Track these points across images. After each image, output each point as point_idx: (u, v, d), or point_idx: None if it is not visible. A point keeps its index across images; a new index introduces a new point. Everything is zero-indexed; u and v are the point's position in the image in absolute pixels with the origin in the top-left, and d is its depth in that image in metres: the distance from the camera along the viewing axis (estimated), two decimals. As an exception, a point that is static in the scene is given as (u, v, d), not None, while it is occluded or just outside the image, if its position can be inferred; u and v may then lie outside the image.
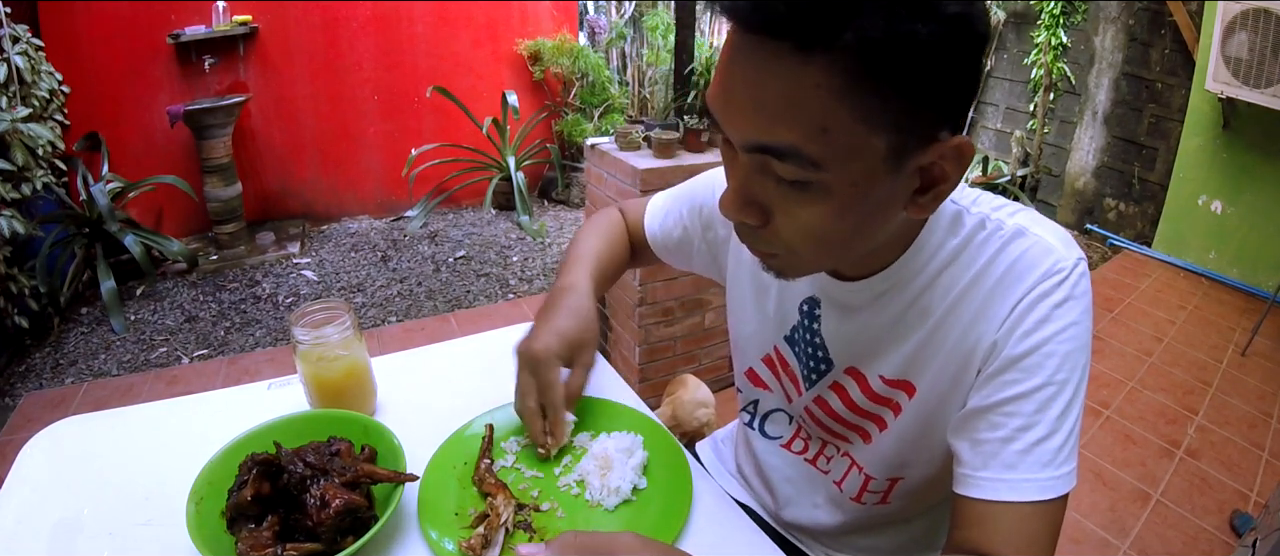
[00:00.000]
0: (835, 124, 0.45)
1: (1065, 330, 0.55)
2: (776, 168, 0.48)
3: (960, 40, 0.46)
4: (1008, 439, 0.54)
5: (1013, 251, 0.57)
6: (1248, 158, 2.98)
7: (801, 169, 0.47)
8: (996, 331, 0.56)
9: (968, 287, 0.58)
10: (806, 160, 0.47)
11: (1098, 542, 1.71)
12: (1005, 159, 3.74)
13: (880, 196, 0.50)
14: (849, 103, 0.44)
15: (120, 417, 0.80)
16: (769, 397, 0.78)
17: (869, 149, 0.47)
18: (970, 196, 0.61)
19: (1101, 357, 2.53)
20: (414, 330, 2.75)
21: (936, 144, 0.49)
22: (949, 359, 0.59)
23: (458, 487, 0.67)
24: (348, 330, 0.75)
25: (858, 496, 0.72)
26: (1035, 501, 0.53)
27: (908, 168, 0.49)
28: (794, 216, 0.51)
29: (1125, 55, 3.40)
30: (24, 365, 2.47)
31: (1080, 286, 0.56)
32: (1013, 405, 0.55)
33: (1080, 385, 0.56)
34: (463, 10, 3.81)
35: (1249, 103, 2.77)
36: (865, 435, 0.68)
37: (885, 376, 0.64)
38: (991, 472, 0.54)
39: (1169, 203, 3.30)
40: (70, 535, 0.63)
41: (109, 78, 3.12)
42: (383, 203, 3.94)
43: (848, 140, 0.46)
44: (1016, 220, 0.59)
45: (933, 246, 0.60)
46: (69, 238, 2.79)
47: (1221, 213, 3.12)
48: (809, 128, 0.45)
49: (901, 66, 0.44)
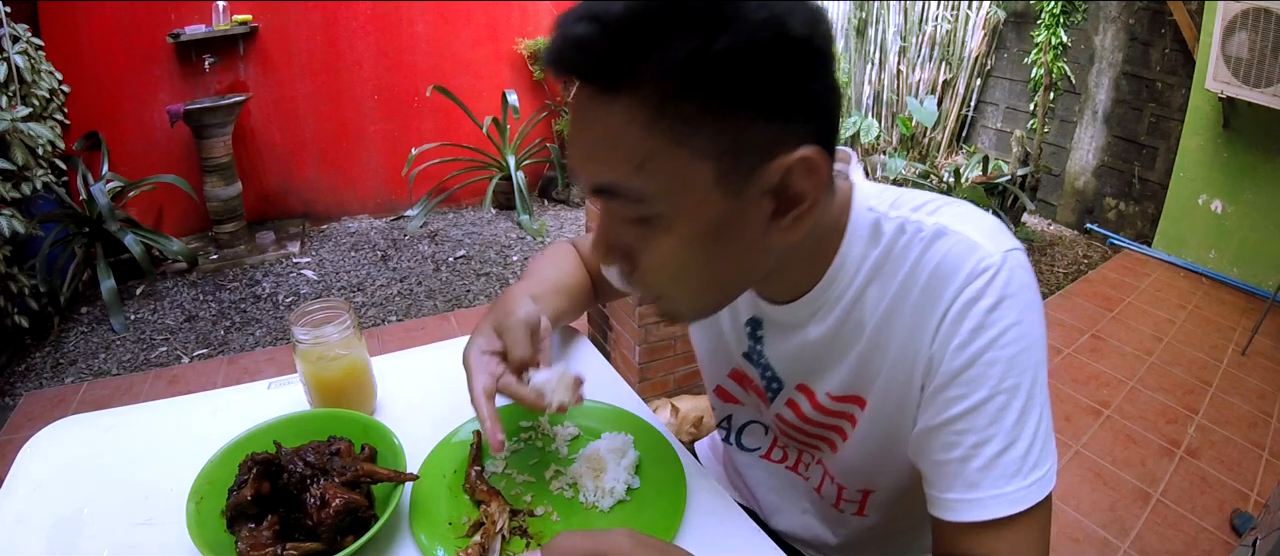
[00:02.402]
0: (651, 156, 0.45)
1: (1004, 334, 0.51)
2: (617, 208, 0.49)
3: (772, 48, 0.43)
4: (965, 458, 0.51)
5: (935, 255, 0.53)
6: (1248, 157, 2.98)
7: (634, 205, 0.47)
8: (931, 346, 0.53)
9: (896, 299, 0.55)
10: (633, 196, 0.47)
11: (1098, 542, 1.71)
12: (1005, 158, 3.73)
13: (730, 224, 0.48)
14: (660, 132, 0.44)
15: (120, 417, 0.79)
16: (741, 411, 0.78)
17: (695, 176, 0.46)
18: (888, 199, 0.58)
19: (1101, 357, 2.53)
20: (414, 329, 2.75)
21: (778, 161, 0.46)
22: (893, 373, 0.57)
23: (449, 496, 0.66)
24: (348, 329, 0.75)
25: (836, 503, 0.71)
26: (1011, 515, 0.50)
27: (750, 191, 0.47)
28: (650, 256, 0.50)
29: (1125, 54, 3.40)
30: (24, 364, 2.47)
31: (1015, 281, 0.51)
32: (963, 421, 0.52)
33: (1035, 385, 0.52)
34: (463, 10, 3.80)
35: (1249, 102, 2.77)
36: (830, 444, 0.68)
37: (832, 393, 0.63)
38: (957, 493, 0.52)
39: (1169, 202, 3.30)
40: (70, 534, 0.63)
41: (109, 77, 3.12)
42: (383, 202, 3.94)
43: (669, 170, 0.45)
44: (937, 219, 0.54)
45: (855, 261, 0.57)
46: (69, 237, 2.79)
47: (1222, 212, 3.12)
48: (627, 163, 0.46)
49: (705, 87, 0.43)
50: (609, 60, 0.44)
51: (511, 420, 0.77)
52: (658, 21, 0.42)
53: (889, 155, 4.43)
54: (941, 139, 4.42)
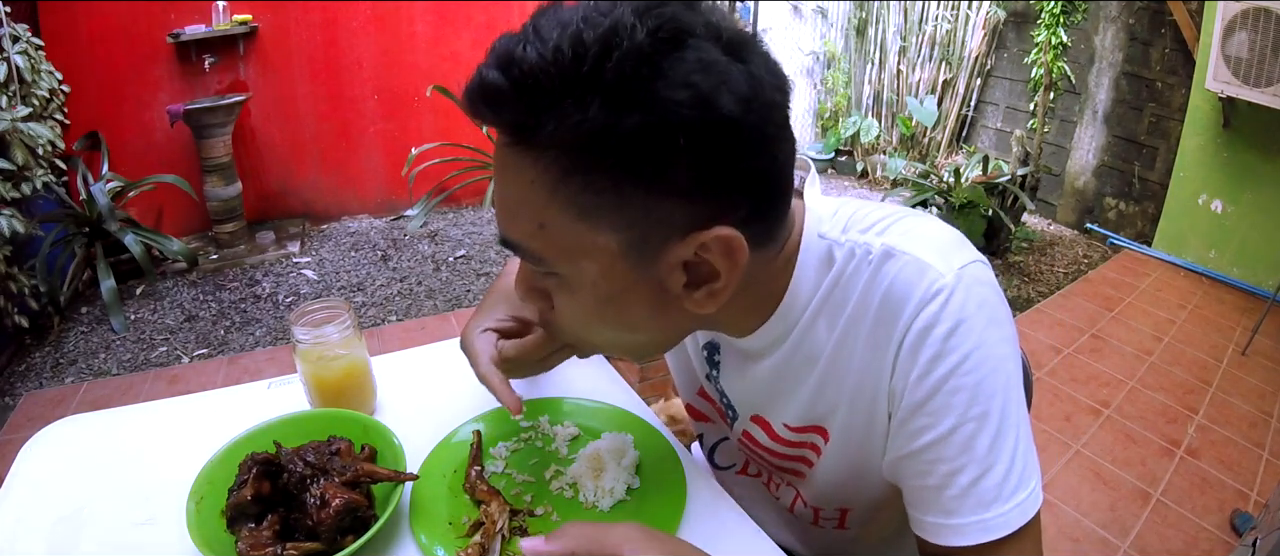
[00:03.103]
0: (551, 220, 0.44)
1: (965, 360, 0.48)
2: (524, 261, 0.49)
3: (693, 129, 0.40)
4: (939, 486, 0.50)
5: (883, 279, 0.51)
6: (1248, 157, 2.98)
7: (536, 265, 0.47)
8: (890, 379, 0.51)
9: (847, 328, 0.53)
10: (533, 258, 0.46)
11: (1098, 542, 1.71)
12: (1005, 158, 3.73)
13: (636, 292, 0.47)
14: (561, 198, 0.43)
15: (120, 417, 0.79)
16: (712, 429, 0.78)
17: (596, 247, 0.44)
18: (841, 221, 0.55)
19: (1101, 357, 2.53)
20: (414, 329, 2.75)
21: (692, 238, 0.44)
22: (854, 404, 0.55)
23: (449, 496, 0.66)
24: (348, 329, 0.75)
25: (814, 521, 0.71)
26: (991, 540, 0.48)
27: (658, 267, 0.46)
28: (559, 308, 0.50)
29: (1125, 54, 3.40)
30: (24, 364, 2.47)
31: (972, 300, 0.48)
32: (931, 452, 0.50)
33: (1007, 406, 0.49)
34: (463, 10, 3.80)
35: (1249, 102, 2.77)
36: (797, 473, 0.67)
37: (790, 424, 0.62)
38: (935, 518, 0.51)
39: (1169, 202, 3.30)
40: (70, 534, 0.63)
41: (109, 77, 3.12)
42: (383, 202, 3.94)
43: (568, 238, 0.44)
44: (886, 239, 0.52)
45: (806, 292, 0.55)
46: (69, 237, 2.79)
47: (1222, 212, 3.12)
48: (529, 224, 0.45)
49: (612, 162, 0.41)
50: (517, 113, 0.42)
51: (511, 422, 0.77)
52: (567, 84, 0.40)
53: (889, 155, 4.44)
54: (941, 139, 4.42)
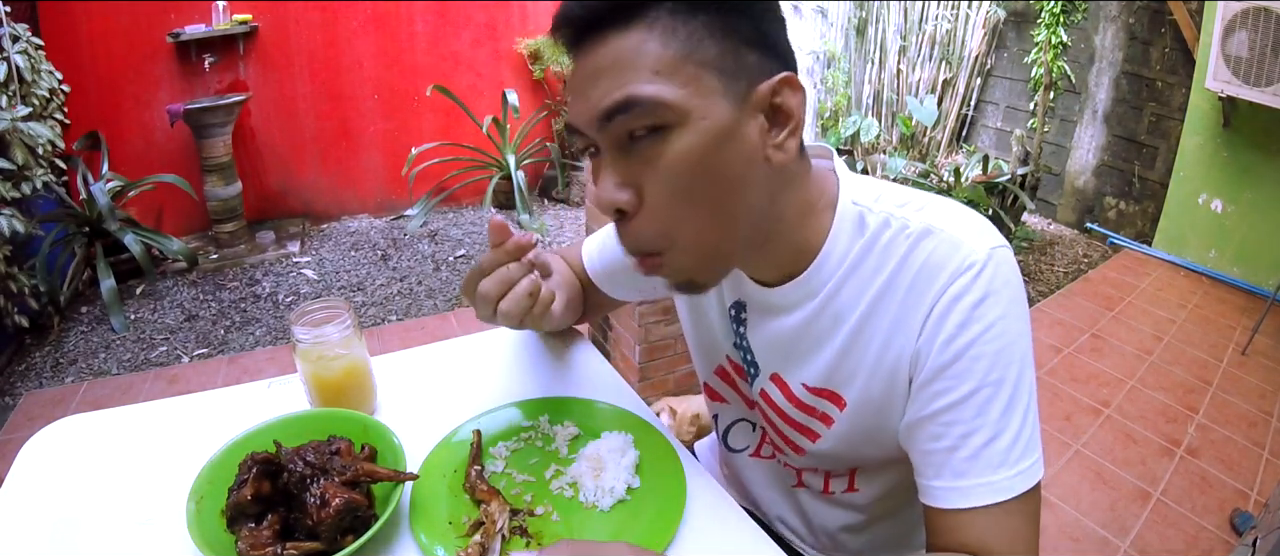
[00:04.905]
0: (667, 64, 0.49)
1: (989, 329, 0.53)
2: (629, 124, 0.50)
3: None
4: (952, 448, 0.53)
5: (921, 253, 0.55)
6: (1248, 156, 2.98)
7: (647, 115, 0.50)
8: (917, 341, 0.55)
9: (880, 294, 0.57)
10: (649, 101, 0.49)
11: (1098, 541, 1.71)
12: (1005, 158, 3.73)
13: (734, 135, 0.51)
14: (675, 44, 0.49)
15: (120, 417, 0.79)
16: (727, 410, 0.79)
17: (702, 86, 0.50)
18: (872, 194, 0.60)
19: (1102, 356, 2.53)
20: (414, 329, 2.75)
21: (766, 82, 0.52)
22: (875, 371, 0.58)
23: (449, 496, 0.66)
24: (348, 329, 0.75)
25: (825, 489, 0.72)
26: (998, 502, 0.52)
27: (748, 106, 0.52)
28: (659, 174, 0.51)
29: (1125, 54, 3.40)
30: (24, 364, 2.47)
31: (999, 277, 0.53)
32: (949, 413, 0.54)
33: (1021, 378, 0.53)
34: (463, 10, 3.80)
35: (1249, 101, 2.77)
36: (809, 434, 0.68)
37: (808, 384, 0.64)
38: (944, 481, 0.54)
39: (1169, 201, 3.30)
40: (70, 534, 0.63)
41: (109, 77, 3.12)
42: (383, 201, 3.94)
43: (684, 73, 0.50)
44: (924, 217, 0.56)
45: (841, 251, 0.58)
46: (69, 236, 2.79)
47: (1222, 211, 3.12)
48: (641, 75, 0.49)
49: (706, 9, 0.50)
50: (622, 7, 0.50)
51: (511, 421, 0.77)
52: None
53: (889, 154, 4.43)
54: (941, 138, 4.42)
